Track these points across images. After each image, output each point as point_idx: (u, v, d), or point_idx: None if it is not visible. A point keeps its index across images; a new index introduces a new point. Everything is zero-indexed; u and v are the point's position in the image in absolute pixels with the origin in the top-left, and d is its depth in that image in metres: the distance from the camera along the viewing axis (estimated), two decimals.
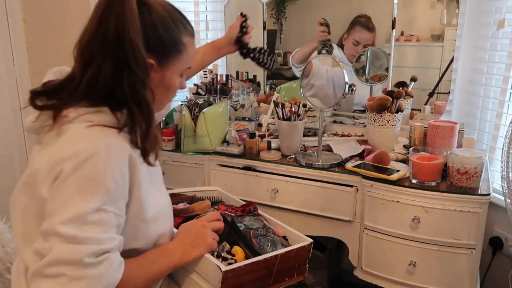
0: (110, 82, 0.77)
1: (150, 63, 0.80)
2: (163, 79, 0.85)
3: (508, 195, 1.20)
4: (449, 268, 1.31)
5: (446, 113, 1.75)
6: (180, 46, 0.85)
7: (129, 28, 0.75)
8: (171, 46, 0.84)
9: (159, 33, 0.81)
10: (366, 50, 1.90)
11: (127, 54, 0.76)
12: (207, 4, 2.27)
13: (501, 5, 1.60)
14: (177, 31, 0.84)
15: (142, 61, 0.77)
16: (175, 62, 0.85)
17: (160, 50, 0.82)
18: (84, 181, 0.71)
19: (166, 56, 0.83)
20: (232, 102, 1.93)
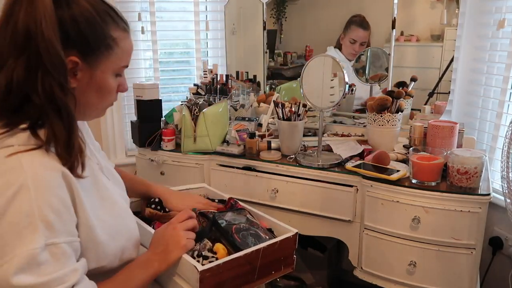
0: (24, 87, 0.67)
1: (73, 60, 0.71)
2: (92, 79, 0.75)
3: (508, 195, 1.20)
4: (449, 268, 1.31)
5: (446, 113, 1.75)
6: (109, 41, 0.74)
7: (41, 21, 0.65)
8: (97, 41, 0.73)
9: (80, 27, 0.70)
10: (366, 50, 1.90)
11: (40, 51, 0.66)
12: (207, 4, 2.27)
13: (501, 5, 1.60)
14: (103, 24, 0.74)
15: (58, 59, 0.67)
16: (105, 60, 0.75)
17: (84, 46, 0.72)
18: (18, 221, 0.62)
19: (92, 53, 0.73)
20: (232, 102, 1.93)
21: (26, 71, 0.67)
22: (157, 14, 2.21)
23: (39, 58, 0.66)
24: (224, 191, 1.64)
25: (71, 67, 0.71)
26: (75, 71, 0.72)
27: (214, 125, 1.66)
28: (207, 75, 2.01)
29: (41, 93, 0.67)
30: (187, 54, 2.38)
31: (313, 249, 1.99)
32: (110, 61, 0.76)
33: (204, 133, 1.64)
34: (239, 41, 2.20)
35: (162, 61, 2.31)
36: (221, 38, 2.29)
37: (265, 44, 2.07)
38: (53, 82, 0.67)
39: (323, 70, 1.52)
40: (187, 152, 1.68)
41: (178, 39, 2.36)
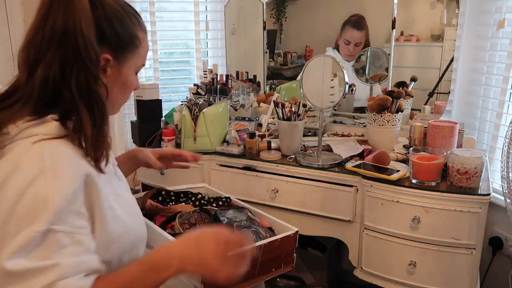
0: (59, 82, 0.70)
1: (106, 58, 0.75)
2: (120, 75, 0.79)
3: (508, 195, 1.20)
4: (449, 268, 1.31)
5: (446, 113, 1.75)
6: (135, 40, 0.80)
7: (80, 20, 0.69)
8: (127, 40, 0.79)
9: (114, 26, 0.76)
10: (366, 50, 1.90)
11: (79, 47, 0.70)
12: (207, 4, 2.27)
13: (501, 5, 1.60)
14: (131, 24, 0.79)
15: (94, 55, 0.71)
16: (131, 58, 0.80)
17: (116, 44, 0.77)
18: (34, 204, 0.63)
19: (122, 50, 0.78)
20: (232, 102, 1.93)
21: (62, 66, 0.70)
22: (157, 14, 2.21)
23: (77, 54, 0.70)
24: (224, 191, 1.64)
25: (103, 64, 0.76)
26: (105, 68, 0.77)
27: (214, 125, 1.66)
28: (207, 75, 2.02)
29: (75, 88, 0.70)
30: (187, 54, 2.38)
31: (313, 249, 1.99)
32: (135, 59, 0.82)
33: (204, 133, 1.64)
34: (239, 41, 2.20)
35: (162, 61, 2.31)
36: (221, 38, 2.29)
37: (265, 44, 2.07)
38: (89, 77, 0.71)
39: (323, 70, 1.52)
40: None
41: (178, 39, 2.36)
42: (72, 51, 0.70)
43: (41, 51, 0.71)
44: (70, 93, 0.70)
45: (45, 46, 0.71)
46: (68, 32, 0.70)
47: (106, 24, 0.75)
